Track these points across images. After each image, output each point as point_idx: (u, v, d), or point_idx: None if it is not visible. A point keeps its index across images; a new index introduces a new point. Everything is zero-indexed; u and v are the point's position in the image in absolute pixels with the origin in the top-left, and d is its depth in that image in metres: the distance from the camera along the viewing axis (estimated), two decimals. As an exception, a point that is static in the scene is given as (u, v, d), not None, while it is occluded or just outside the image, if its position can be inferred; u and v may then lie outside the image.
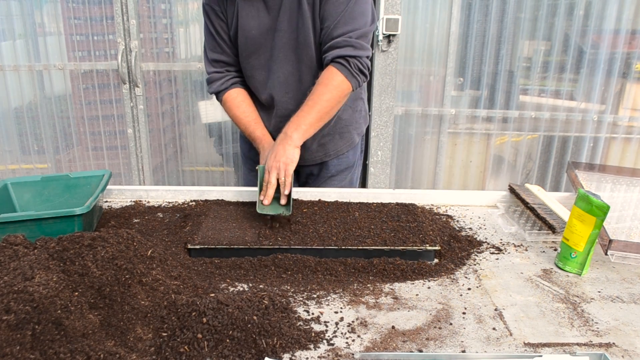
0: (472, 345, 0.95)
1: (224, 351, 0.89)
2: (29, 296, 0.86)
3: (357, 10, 1.47)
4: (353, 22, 1.47)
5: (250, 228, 1.33)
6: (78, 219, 1.24)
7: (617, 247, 1.26)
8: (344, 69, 1.47)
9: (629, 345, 0.96)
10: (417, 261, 1.23)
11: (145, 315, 0.97)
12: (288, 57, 1.57)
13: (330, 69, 1.47)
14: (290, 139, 1.43)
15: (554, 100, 2.89)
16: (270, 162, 1.40)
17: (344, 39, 1.47)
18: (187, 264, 1.21)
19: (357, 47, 1.47)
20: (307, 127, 1.45)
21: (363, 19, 1.49)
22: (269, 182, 1.38)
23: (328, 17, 1.48)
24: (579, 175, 1.61)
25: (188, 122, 2.99)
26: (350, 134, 1.76)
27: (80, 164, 3.05)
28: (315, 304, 1.07)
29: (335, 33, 1.47)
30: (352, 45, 1.47)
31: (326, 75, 1.47)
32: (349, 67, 1.47)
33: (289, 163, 1.40)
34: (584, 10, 2.71)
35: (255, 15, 1.54)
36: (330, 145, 1.74)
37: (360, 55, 1.48)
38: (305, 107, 1.46)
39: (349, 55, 1.46)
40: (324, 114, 1.47)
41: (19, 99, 2.93)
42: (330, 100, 1.46)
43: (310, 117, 1.45)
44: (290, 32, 1.53)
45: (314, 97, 1.46)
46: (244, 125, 1.64)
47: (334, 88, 1.46)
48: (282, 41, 1.54)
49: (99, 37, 2.81)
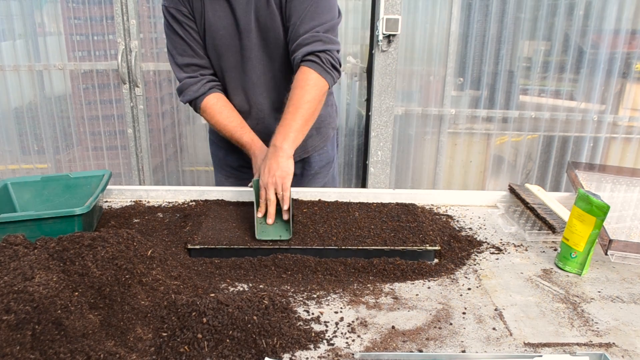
0: (472, 345, 0.95)
1: (224, 351, 0.89)
2: (29, 296, 0.86)
3: (323, 4, 1.45)
4: (319, 17, 1.44)
5: (250, 228, 1.33)
6: (78, 219, 1.24)
7: (617, 247, 1.26)
8: (317, 66, 1.43)
9: (629, 345, 0.96)
10: (417, 261, 1.23)
11: (145, 315, 0.97)
12: (259, 58, 1.54)
13: (303, 69, 1.43)
14: (282, 150, 1.37)
15: (554, 100, 2.89)
16: (266, 178, 1.34)
17: (312, 35, 1.43)
18: (187, 264, 1.21)
19: (325, 41, 1.44)
20: (296, 134, 1.40)
21: (330, 13, 1.46)
22: (269, 199, 1.32)
23: (294, 14, 1.44)
24: (579, 175, 1.61)
25: (188, 122, 2.99)
26: (325, 129, 1.76)
27: (80, 164, 3.05)
28: (315, 304, 1.07)
29: (302, 29, 1.43)
30: (321, 39, 1.43)
31: (300, 77, 1.43)
32: (321, 63, 1.43)
33: (285, 176, 1.34)
34: (584, 10, 2.71)
35: (222, 16, 1.50)
36: (309, 141, 1.71)
37: (330, 49, 1.45)
38: (289, 115, 1.41)
39: (319, 50, 1.43)
40: (309, 116, 1.43)
41: (19, 99, 2.93)
42: (312, 101, 1.42)
43: (295, 124, 1.40)
44: (259, 32, 1.50)
45: (295, 102, 1.41)
46: (229, 131, 1.57)
47: (311, 88, 1.42)
48: (252, 42, 1.51)
49: (99, 37, 2.81)
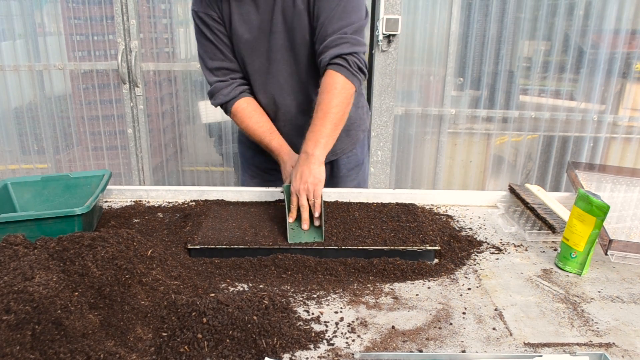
0: (472, 345, 0.95)
1: (224, 351, 0.89)
2: (29, 296, 0.86)
3: (351, 4, 1.44)
4: (347, 17, 1.43)
5: (250, 228, 1.33)
6: (78, 219, 1.24)
7: (617, 247, 1.26)
8: (344, 69, 1.43)
9: (629, 345, 0.96)
10: (417, 261, 1.23)
11: (145, 315, 0.97)
12: (285, 59, 1.54)
13: (330, 72, 1.43)
14: (313, 157, 1.37)
15: (554, 100, 2.89)
16: (297, 185, 1.34)
17: (339, 36, 1.43)
18: (187, 264, 1.21)
19: (353, 42, 1.44)
20: (326, 139, 1.40)
21: (358, 14, 1.46)
22: (302, 205, 1.32)
23: (322, 13, 1.44)
24: (579, 175, 1.61)
25: (188, 122, 2.99)
26: (355, 131, 1.74)
27: (80, 164, 3.05)
28: (315, 304, 1.07)
29: (330, 29, 1.43)
30: (348, 41, 1.43)
31: (328, 81, 1.43)
32: (348, 66, 1.43)
33: (317, 183, 1.34)
34: (584, 10, 2.71)
35: (248, 18, 1.50)
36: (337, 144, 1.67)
37: (357, 51, 1.44)
38: (318, 120, 1.41)
39: (346, 53, 1.43)
40: (338, 121, 1.43)
41: (19, 99, 2.93)
42: (340, 105, 1.42)
43: (325, 129, 1.40)
44: (286, 33, 1.50)
45: (323, 107, 1.41)
46: (258, 136, 1.58)
47: (339, 93, 1.42)
48: (278, 43, 1.51)
49: (99, 37, 2.81)
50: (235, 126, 2.77)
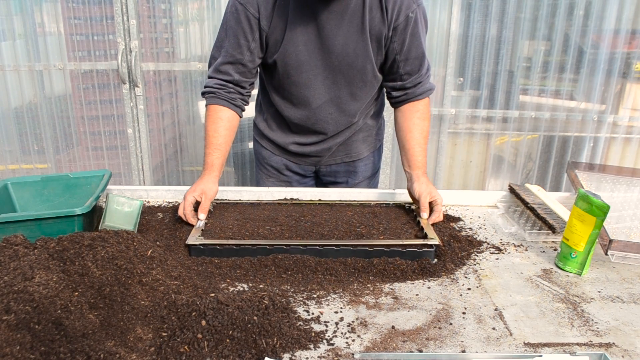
0: (472, 345, 0.95)
1: (224, 351, 0.89)
2: (29, 296, 0.86)
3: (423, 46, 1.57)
4: (425, 57, 1.59)
5: (250, 228, 1.33)
6: (78, 219, 1.24)
7: (617, 247, 1.26)
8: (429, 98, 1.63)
9: (629, 345, 0.96)
10: (417, 261, 1.23)
11: (145, 315, 0.97)
12: (336, 80, 1.57)
13: (427, 100, 1.61)
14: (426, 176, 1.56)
15: (554, 100, 2.89)
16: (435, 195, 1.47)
17: (428, 73, 1.61)
18: (187, 264, 1.21)
19: (429, 78, 1.64)
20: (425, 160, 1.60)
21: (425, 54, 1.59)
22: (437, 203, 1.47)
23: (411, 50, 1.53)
24: (579, 175, 1.61)
25: (188, 122, 2.99)
26: (372, 138, 1.80)
27: (80, 164, 3.05)
28: (315, 304, 1.07)
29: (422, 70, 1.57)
30: (429, 76, 1.63)
31: (426, 110, 1.61)
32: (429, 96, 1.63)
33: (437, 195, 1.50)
34: (584, 10, 2.71)
35: (304, 31, 1.48)
36: (353, 147, 1.75)
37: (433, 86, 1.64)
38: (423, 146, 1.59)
39: (433, 87, 1.63)
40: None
41: (19, 99, 2.93)
42: (429, 128, 1.64)
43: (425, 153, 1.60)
44: (343, 55, 1.51)
45: (425, 134, 1.60)
46: (207, 142, 1.54)
47: (429, 118, 1.64)
48: (328, 63, 1.53)
49: (99, 37, 2.81)
50: (240, 126, 2.77)
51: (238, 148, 2.98)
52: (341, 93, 1.59)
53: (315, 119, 1.63)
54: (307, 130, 1.67)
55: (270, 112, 1.71)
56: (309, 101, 1.60)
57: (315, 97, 1.59)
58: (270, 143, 1.76)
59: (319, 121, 1.64)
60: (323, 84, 1.57)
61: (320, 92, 1.58)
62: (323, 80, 1.56)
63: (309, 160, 1.76)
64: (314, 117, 1.63)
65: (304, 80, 1.56)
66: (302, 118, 1.64)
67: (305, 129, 1.67)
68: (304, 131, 1.68)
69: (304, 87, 1.57)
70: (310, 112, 1.62)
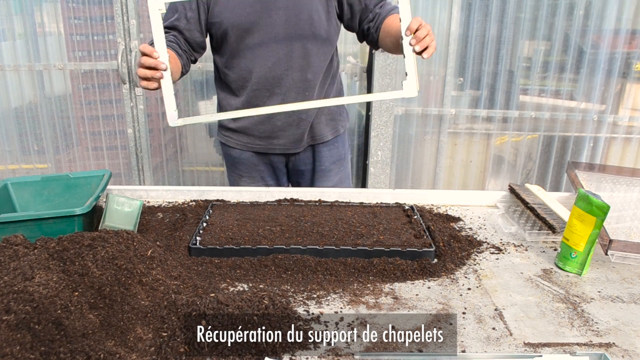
0: (472, 345, 0.95)
1: (224, 351, 0.89)
2: (29, 296, 0.86)
3: None
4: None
5: (250, 228, 1.33)
6: (78, 219, 1.24)
7: (617, 247, 1.26)
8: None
9: (629, 345, 0.96)
10: (417, 261, 1.23)
11: (145, 315, 0.97)
12: (289, 35, 1.59)
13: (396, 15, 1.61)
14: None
15: (554, 100, 2.89)
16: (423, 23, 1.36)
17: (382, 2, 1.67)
18: (187, 264, 1.21)
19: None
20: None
21: None
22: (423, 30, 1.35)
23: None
24: (579, 175, 1.61)
25: (188, 122, 2.99)
26: (335, 122, 1.84)
27: (80, 164, 3.05)
28: (315, 304, 1.07)
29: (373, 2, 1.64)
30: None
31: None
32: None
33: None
34: (584, 10, 2.71)
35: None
36: (317, 128, 1.79)
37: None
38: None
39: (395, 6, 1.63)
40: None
41: (19, 99, 2.93)
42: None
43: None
44: (292, 10, 1.56)
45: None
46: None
47: None
48: (283, 20, 1.57)
49: (99, 37, 2.81)
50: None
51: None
52: (294, 47, 1.61)
53: (270, 77, 1.64)
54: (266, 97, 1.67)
55: (229, 100, 1.72)
56: (260, 60, 1.62)
57: (268, 55, 1.61)
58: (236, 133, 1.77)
59: (274, 79, 1.64)
60: (275, 41, 1.59)
61: (273, 49, 1.60)
62: (274, 38, 1.59)
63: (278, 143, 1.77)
64: (269, 76, 1.64)
65: (258, 40, 1.59)
66: (261, 80, 1.65)
67: (264, 94, 1.67)
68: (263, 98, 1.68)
69: (259, 47, 1.60)
70: (267, 72, 1.63)
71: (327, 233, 1.30)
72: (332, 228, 1.33)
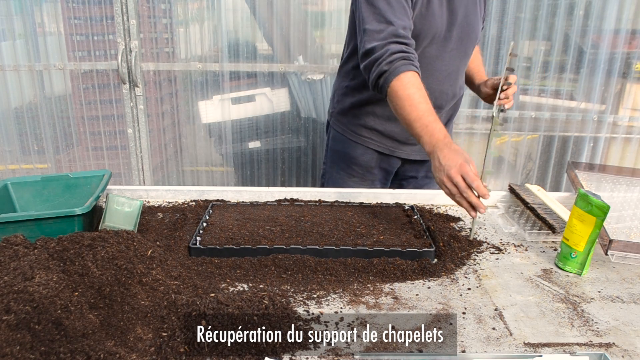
0: (472, 345, 0.95)
1: (224, 351, 0.89)
2: (29, 296, 0.86)
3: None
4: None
5: (250, 228, 1.33)
6: (78, 219, 1.24)
7: (617, 247, 1.26)
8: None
9: (629, 345, 0.96)
10: (417, 261, 1.23)
11: (145, 315, 0.97)
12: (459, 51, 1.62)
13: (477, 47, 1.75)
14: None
15: (554, 100, 2.89)
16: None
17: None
18: (187, 264, 1.21)
19: None
20: None
21: None
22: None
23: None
24: (579, 175, 1.61)
25: (188, 122, 2.99)
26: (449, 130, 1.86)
27: (80, 164, 3.05)
28: (315, 304, 1.07)
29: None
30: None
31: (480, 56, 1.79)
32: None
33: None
34: (584, 10, 2.71)
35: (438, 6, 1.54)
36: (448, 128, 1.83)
37: None
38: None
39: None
40: None
41: (19, 99, 2.93)
42: None
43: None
44: (465, 26, 1.59)
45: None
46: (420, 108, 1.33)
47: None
48: (459, 35, 1.59)
49: (99, 37, 2.81)
50: (236, 126, 2.77)
51: (238, 148, 2.98)
52: (460, 63, 1.65)
53: (439, 92, 1.63)
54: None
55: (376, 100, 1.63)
56: (435, 74, 1.61)
57: (442, 69, 1.61)
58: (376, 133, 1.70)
59: (442, 94, 1.64)
60: (449, 55, 1.61)
61: (446, 64, 1.61)
62: (449, 52, 1.60)
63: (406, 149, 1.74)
64: (437, 90, 1.62)
65: (435, 52, 1.59)
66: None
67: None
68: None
69: (434, 59, 1.59)
70: (434, 85, 1.61)
71: (327, 233, 1.30)
72: (332, 228, 1.33)
